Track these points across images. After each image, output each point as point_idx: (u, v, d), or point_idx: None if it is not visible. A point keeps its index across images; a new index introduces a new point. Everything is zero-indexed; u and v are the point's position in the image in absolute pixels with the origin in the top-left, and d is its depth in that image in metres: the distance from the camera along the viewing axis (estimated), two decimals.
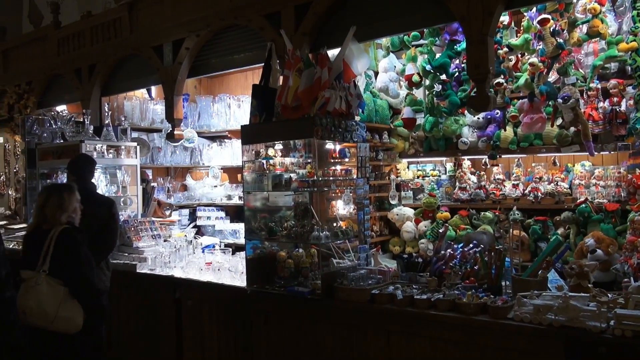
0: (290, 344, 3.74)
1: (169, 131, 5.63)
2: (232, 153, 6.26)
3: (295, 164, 4.02)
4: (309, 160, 4.03)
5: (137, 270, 4.77)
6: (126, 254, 5.08)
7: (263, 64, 4.40)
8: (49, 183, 3.68)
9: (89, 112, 5.73)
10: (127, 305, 4.90)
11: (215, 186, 6.37)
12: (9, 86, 7.51)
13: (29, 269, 3.18)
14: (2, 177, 8.48)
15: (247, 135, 4.02)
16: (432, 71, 4.53)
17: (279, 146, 4.06)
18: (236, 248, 5.10)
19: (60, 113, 6.46)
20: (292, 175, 3.90)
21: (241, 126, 4.06)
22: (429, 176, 5.26)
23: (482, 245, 3.59)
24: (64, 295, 3.14)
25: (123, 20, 5.81)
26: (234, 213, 6.36)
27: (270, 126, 3.98)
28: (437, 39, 4.55)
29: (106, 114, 5.62)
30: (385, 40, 4.98)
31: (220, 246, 5.25)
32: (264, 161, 3.99)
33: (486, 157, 4.91)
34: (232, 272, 4.27)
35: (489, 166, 5.02)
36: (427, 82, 4.69)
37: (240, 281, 4.15)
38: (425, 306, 3.16)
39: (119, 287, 4.91)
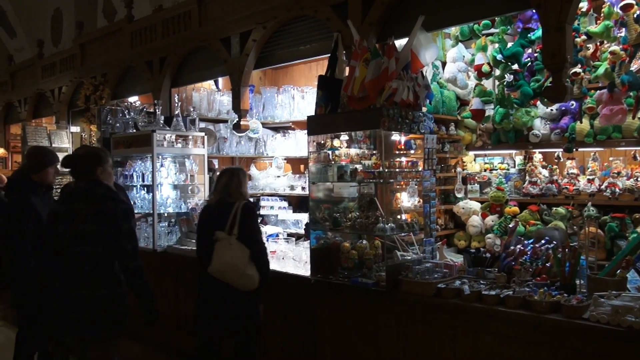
0: (354, 334, 3.74)
1: (235, 122, 5.74)
2: (296, 144, 6.30)
3: (360, 155, 4.00)
4: (374, 152, 4.01)
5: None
6: (193, 241, 5.22)
7: (329, 55, 4.40)
8: (226, 167, 4.21)
9: (160, 102, 5.92)
10: (194, 290, 5.05)
11: (279, 176, 6.45)
12: (85, 78, 7.89)
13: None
14: None
15: (313, 126, 4.03)
16: (503, 61, 4.38)
17: (344, 137, 4.05)
18: (297, 237, 5.15)
19: (133, 104, 6.71)
20: (357, 166, 3.89)
21: (307, 117, 4.08)
22: (496, 169, 5.10)
23: (554, 242, 3.46)
24: (248, 257, 3.67)
25: (192, 13, 5.97)
26: (296, 203, 6.43)
27: (336, 117, 3.98)
28: (509, 27, 4.39)
29: (176, 105, 5.79)
30: (454, 30, 4.86)
31: (283, 235, 5.32)
32: (329, 152, 3.99)
33: (559, 150, 4.71)
34: (296, 261, 4.32)
35: (562, 159, 4.81)
36: (498, 72, 4.54)
37: (304, 270, 4.19)
38: (493, 302, 3.08)
39: (186, 272, 5.08)
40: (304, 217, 5.68)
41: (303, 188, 5.97)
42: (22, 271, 3.92)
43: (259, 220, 3.92)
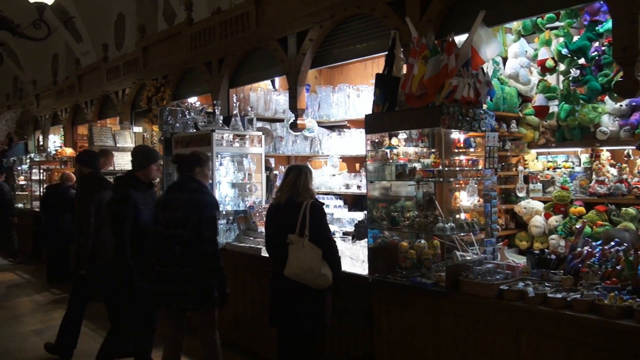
0: (412, 334, 3.71)
1: (291, 121, 5.80)
2: (351, 142, 6.30)
3: (419, 153, 3.96)
4: (433, 150, 3.96)
5: (262, 254, 4.99)
6: (251, 238, 5.34)
7: (386, 53, 4.37)
8: (293, 164, 4.33)
9: (219, 102, 6.06)
10: (252, 288, 5.15)
11: (334, 175, 6.47)
12: (147, 80, 8.18)
13: (288, 233, 3.77)
14: None
15: (371, 124, 4.02)
16: (568, 55, 4.22)
17: (402, 135, 4.02)
18: (353, 236, 5.13)
19: (193, 104, 6.90)
20: (415, 165, 3.85)
21: (365, 115, 4.06)
22: (560, 168, 4.92)
23: (625, 244, 3.31)
24: (321, 256, 3.71)
25: (250, 14, 6.07)
26: (351, 202, 6.43)
27: (394, 115, 3.95)
28: (575, 20, 4.23)
29: (234, 105, 5.90)
30: (516, 24, 4.72)
31: (339, 234, 5.33)
32: (387, 150, 3.97)
33: (629, 148, 4.49)
34: (353, 260, 4.32)
35: (632, 157, 4.58)
36: (563, 67, 4.38)
37: (362, 269, 4.19)
38: (559, 306, 2.97)
39: (244, 269, 5.18)
40: (359, 216, 5.67)
41: (358, 187, 5.96)
42: (119, 258, 4.16)
43: (326, 218, 3.91)
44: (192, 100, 7.55)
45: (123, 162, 8.92)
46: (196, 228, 3.79)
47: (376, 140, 4.05)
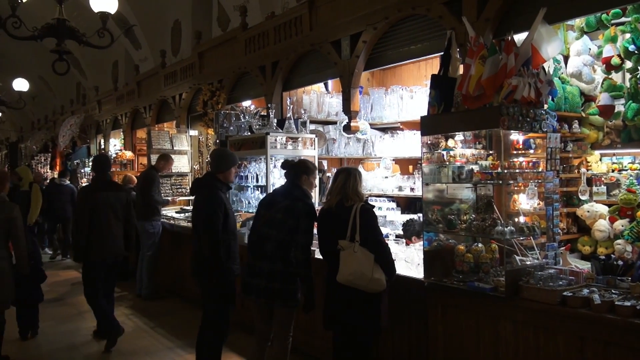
0: (469, 339, 3.64)
1: (344, 123, 5.81)
2: (404, 144, 6.25)
3: (476, 155, 3.88)
4: (490, 152, 3.88)
5: (315, 256, 5.01)
6: None
7: (441, 54, 4.32)
8: (341, 167, 4.38)
9: (274, 106, 6.14)
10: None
11: (387, 177, 6.43)
12: (203, 84, 8.39)
13: (339, 238, 3.73)
14: (197, 166, 9.55)
15: (426, 126, 3.97)
16: (636, 52, 4.03)
17: (459, 137, 3.95)
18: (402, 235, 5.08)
19: (248, 107, 7.02)
20: (473, 167, 3.77)
21: (420, 117, 4.02)
22: (626, 170, 4.69)
23: None
24: (374, 261, 3.64)
25: (304, 17, 6.12)
26: (404, 204, 6.37)
27: (451, 117, 3.89)
28: None
29: (288, 108, 5.96)
30: (578, 21, 4.55)
31: (392, 237, 5.29)
32: (444, 152, 3.91)
33: None
34: (408, 263, 4.28)
35: None
36: (630, 64, 4.18)
37: (416, 272, 4.14)
38: (628, 314, 2.84)
39: None
40: (413, 219, 5.60)
41: (412, 189, 5.90)
42: (213, 259, 4.23)
43: (377, 221, 3.85)
44: (246, 103, 7.68)
45: (179, 164, 9.18)
46: (291, 232, 3.92)
47: (432, 142, 4.00)
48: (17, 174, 9.51)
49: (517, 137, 3.86)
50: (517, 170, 3.62)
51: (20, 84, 11.15)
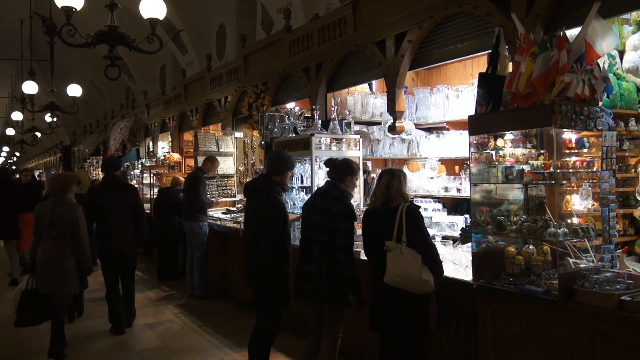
0: (520, 343, 3.54)
1: (389, 123, 5.77)
2: (450, 144, 6.15)
3: (526, 155, 3.78)
4: (541, 151, 3.77)
5: (361, 257, 4.99)
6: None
7: (489, 52, 4.23)
8: (385, 168, 4.33)
9: (318, 107, 6.16)
10: None
11: (432, 178, 6.35)
12: (248, 87, 8.50)
13: (385, 240, 3.71)
14: (242, 168, 9.68)
15: (475, 125, 3.90)
16: None
17: (508, 136, 3.86)
18: (454, 241, 5.00)
19: (292, 109, 7.07)
20: (523, 167, 3.68)
21: (468, 116, 3.95)
22: None
23: None
24: (421, 262, 3.61)
25: (347, 18, 6.12)
26: (451, 205, 6.27)
27: (500, 116, 3.80)
28: None
29: (332, 109, 5.97)
30: (634, 14, 4.38)
31: (438, 238, 5.21)
32: (493, 152, 3.83)
33: None
34: (456, 265, 4.21)
35: None
36: None
37: (464, 275, 4.07)
38: None
39: None
40: (459, 220, 5.52)
41: (458, 189, 5.81)
42: (271, 263, 4.23)
43: (423, 222, 3.81)
44: (290, 105, 7.74)
45: (225, 166, 9.33)
46: (330, 234, 3.93)
47: (480, 142, 3.92)
48: (76, 177, 9.84)
49: (569, 135, 3.74)
50: (571, 170, 3.51)
51: (74, 90, 11.59)
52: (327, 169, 4.25)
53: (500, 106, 3.85)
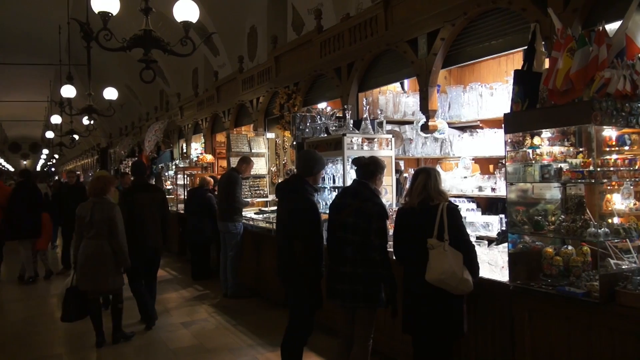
0: (559, 347, 3.46)
1: (422, 122, 5.71)
2: (484, 143, 6.05)
3: (565, 153, 3.69)
4: (580, 149, 3.67)
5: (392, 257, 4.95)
6: None
7: (524, 48, 4.15)
8: (420, 167, 4.28)
9: (350, 107, 6.14)
10: None
11: (466, 177, 6.26)
12: (280, 88, 8.54)
13: (423, 238, 3.68)
14: (274, 168, 9.74)
15: (510, 123, 3.82)
16: None
17: (545, 134, 3.77)
18: (489, 241, 4.92)
19: (324, 109, 7.08)
20: (561, 165, 3.59)
21: (504, 114, 3.88)
22: None
23: None
24: (462, 260, 3.60)
25: (379, 17, 6.09)
26: (485, 205, 6.16)
27: (536, 113, 3.73)
28: None
29: (364, 108, 5.95)
30: None
31: (473, 238, 5.13)
32: (529, 151, 3.75)
33: None
34: (491, 265, 4.14)
35: None
36: None
37: (500, 275, 4.00)
38: None
39: None
40: (493, 220, 5.42)
41: (493, 189, 5.71)
42: (307, 264, 4.23)
43: (462, 220, 3.79)
44: (321, 106, 7.75)
45: (257, 166, 9.40)
46: (365, 234, 3.91)
47: (516, 140, 3.84)
48: (115, 178, 10.11)
49: (610, 133, 3.63)
50: (611, 169, 3.41)
51: (110, 93, 11.83)
52: (355, 168, 4.23)
53: (537, 103, 3.78)
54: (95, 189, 5.65)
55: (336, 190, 6.08)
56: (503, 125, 3.88)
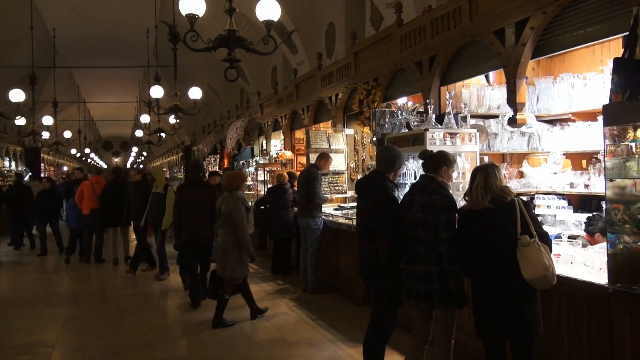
0: None
1: (508, 116, 5.48)
2: (576, 137, 5.71)
3: None
4: None
5: None
6: None
7: (624, 34, 3.87)
8: (476, 166, 4.17)
9: (432, 101, 6.01)
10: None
11: (556, 173, 5.94)
12: (359, 84, 8.51)
13: (501, 236, 3.55)
14: (353, 164, 9.73)
15: (610, 115, 3.58)
16: None
17: None
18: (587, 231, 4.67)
19: (405, 104, 6.97)
20: None
21: (602, 106, 3.64)
22: None
23: None
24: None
25: (463, 8, 5.90)
26: (577, 202, 5.84)
27: (639, 104, 3.45)
28: None
29: (447, 102, 5.79)
30: None
31: (564, 237, 4.87)
32: (632, 144, 3.49)
33: None
34: (587, 266, 3.90)
35: None
36: None
37: (597, 277, 3.76)
38: None
39: None
40: (599, 214, 5.09)
41: (586, 185, 5.37)
42: (390, 262, 4.15)
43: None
44: (401, 101, 7.63)
45: (336, 163, 9.43)
46: (436, 230, 3.84)
47: (617, 133, 3.59)
48: (150, 174, 10.56)
49: None
50: None
51: (195, 93, 12.30)
52: (422, 162, 4.15)
53: None
54: (227, 185, 6.48)
55: None
56: (602, 117, 3.64)
